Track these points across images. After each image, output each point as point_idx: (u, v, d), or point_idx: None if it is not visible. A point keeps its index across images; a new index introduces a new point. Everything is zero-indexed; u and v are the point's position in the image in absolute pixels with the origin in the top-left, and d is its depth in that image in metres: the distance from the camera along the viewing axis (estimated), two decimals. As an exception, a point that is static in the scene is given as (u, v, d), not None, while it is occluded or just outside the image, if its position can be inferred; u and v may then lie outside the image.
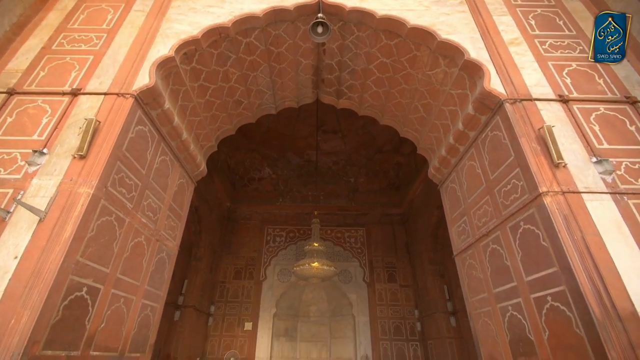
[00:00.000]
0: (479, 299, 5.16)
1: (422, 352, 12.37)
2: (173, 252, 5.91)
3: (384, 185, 15.76)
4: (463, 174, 5.73)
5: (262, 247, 14.35)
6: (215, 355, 12.15)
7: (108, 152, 4.22)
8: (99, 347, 4.01)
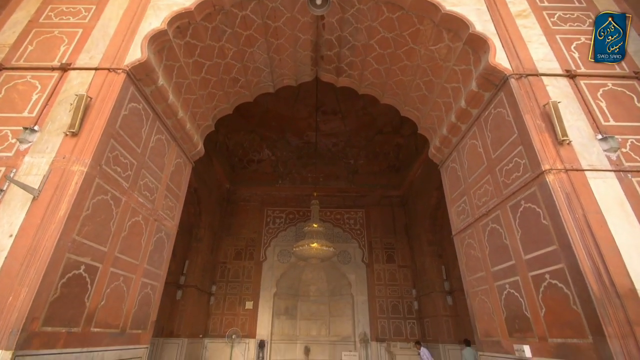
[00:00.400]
0: (477, 277, 5.18)
1: (419, 329, 12.68)
2: (172, 232, 5.90)
3: (383, 167, 15.66)
4: (464, 153, 5.63)
5: (262, 229, 14.43)
6: (217, 332, 12.45)
7: (101, 130, 4.11)
8: (99, 324, 4.05)
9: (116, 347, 4.33)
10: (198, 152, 6.79)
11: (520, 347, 4.06)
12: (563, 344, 3.49)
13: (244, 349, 12.17)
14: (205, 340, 12.28)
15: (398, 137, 14.48)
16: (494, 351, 4.66)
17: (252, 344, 12.27)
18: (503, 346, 4.46)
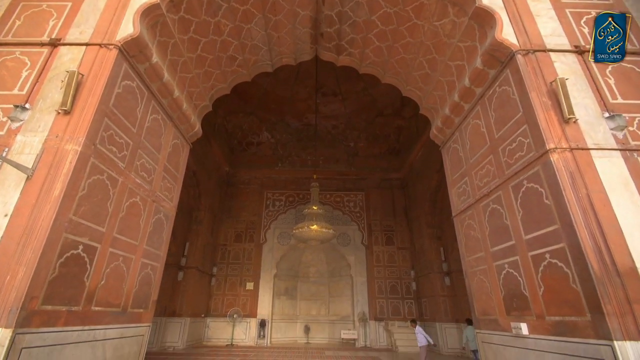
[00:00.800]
0: (476, 257, 5.19)
1: (417, 309, 12.93)
2: (170, 213, 5.86)
3: (383, 150, 15.53)
4: (466, 134, 5.52)
5: (261, 211, 14.45)
6: (219, 312, 12.69)
7: (94, 108, 3.98)
8: (100, 303, 4.06)
9: (118, 326, 4.37)
10: (195, 133, 6.66)
11: (517, 325, 4.10)
12: (560, 322, 3.51)
13: (245, 328, 12.44)
14: (207, 319, 12.53)
15: (399, 119, 14.27)
16: (491, 329, 4.72)
17: (253, 323, 12.53)
18: (500, 324, 4.51)
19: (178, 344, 10.60)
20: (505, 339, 4.37)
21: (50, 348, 3.32)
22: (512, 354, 4.25)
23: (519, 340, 4.12)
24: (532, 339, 3.90)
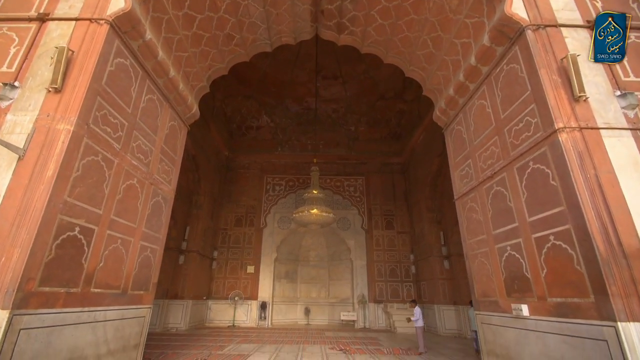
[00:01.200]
0: (477, 240, 5.14)
1: (415, 292, 13.07)
2: (169, 196, 5.77)
3: (384, 134, 15.33)
4: (471, 115, 5.36)
5: (261, 196, 14.40)
6: (220, 294, 12.83)
7: (85, 86, 3.82)
8: (99, 285, 4.03)
9: (118, 307, 4.36)
10: (193, 114, 6.49)
11: (518, 307, 4.09)
12: (563, 303, 3.48)
13: (246, 310, 12.61)
14: (209, 301, 12.69)
15: (400, 102, 14.01)
16: (491, 310, 4.72)
17: (254, 305, 12.70)
18: (500, 305, 4.50)
19: (181, 325, 10.75)
20: (505, 320, 4.37)
21: (50, 329, 3.29)
22: (511, 334, 4.25)
23: (518, 322, 4.11)
24: (532, 320, 3.89)
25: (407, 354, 7.36)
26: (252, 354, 7.09)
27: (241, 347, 7.80)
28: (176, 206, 11.55)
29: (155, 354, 6.81)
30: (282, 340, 8.98)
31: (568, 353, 3.36)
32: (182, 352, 7.16)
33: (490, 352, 4.68)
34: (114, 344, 4.23)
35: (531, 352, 3.86)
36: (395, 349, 7.79)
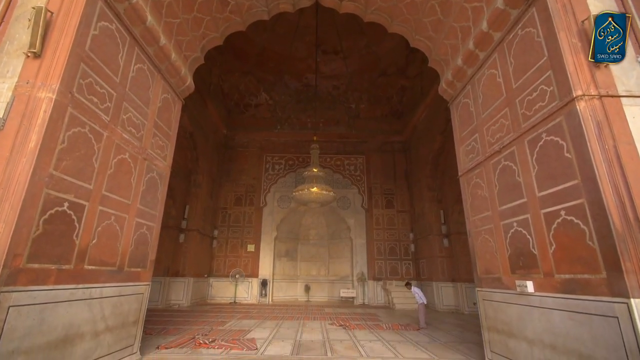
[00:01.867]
0: (482, 217, 4.99)
1: (414, 269, 13.16)
2: (164, 172, 5.56)
3: (386, 112, 14.95)
4: (479, 86, 5.06)
5: (261, 175, 14.21)
6: (221, 272, 12.92)
7: (67, 50, 3.51)
8: (94, 262, 3.89)
9: (115, 284, 4.25)
10: (187, 87, 6.16)
11: (522, 283, 3.98)
12: (571, 280, 3.36)
13: (247, 287, 12.72)
14: (210, 279, 12.78)
15: (403, 79, 13.54)
16: (493, 287, 4.63)
17: (255, 283, 12.80)
18: (504, 282, 4.40)
19: (183, 301, 10.86)
20: (508, 296, 4.29)
21: (42, 306, 3.17)
22: (513, 310, 4.18)
23: (522, 298, 4.02)
24: (537, 297, 3.79)
25: (406, 329, 7.41)
26: (253, 329, 7.12)
27: (242, 323, 7.85)
28: (175, 185, 11.39)
29: (157, 329, 6.84)
30: (282, 317, 9.06)
31: (574, 330, 3.27)
32: (184, 327, 7.19)
33: (491, 328, 4.63)
34: (112, 321, 4.16)
35: (534, 328, 3.79)
36: (394, 325, 7.85)
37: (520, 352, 3.99)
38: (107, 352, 4.06)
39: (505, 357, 4.31)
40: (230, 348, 5.40)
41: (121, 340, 4.34)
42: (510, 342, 4.20)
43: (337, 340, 6.18)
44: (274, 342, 5.90)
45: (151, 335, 6.27)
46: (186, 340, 5.84)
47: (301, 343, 5.87)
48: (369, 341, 6.12)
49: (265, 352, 5.21)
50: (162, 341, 5.80)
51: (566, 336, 3.36)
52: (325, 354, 5.15)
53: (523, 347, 3.95)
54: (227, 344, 5.58)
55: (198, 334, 6.42)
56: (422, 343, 6.03)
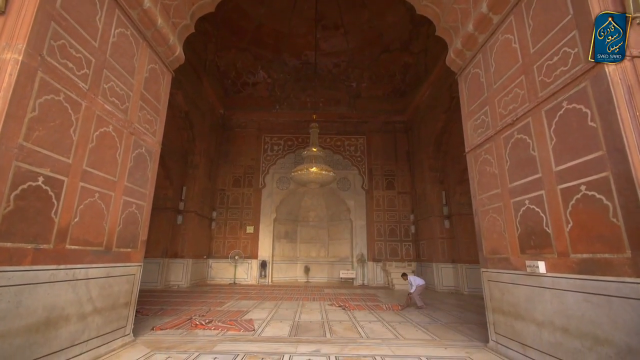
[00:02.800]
0: (489, 195, 4.69)
1: (414, 251, 13.03)
2: (154, 149, 5.22)
3: (388, 91, 14.40)
4: (492, 54, 4.64)
5: (259, 156, 13.86)
6: (220, 253, 12.80)
7: (34, 7, 3.09)
8: (77, 241, 3.63)
9: (102, 265, 4.00)
10: (177, 58, 5.72)
11: (533, 264, 3.73)
12: (589, 259, 3.09)
13: (247, 268, 12.64)
14: (209, 260, 12.68)
15: (406, 55, 12.94)
16: (501, 267, 4.39)
17: (254, 264, 12.71)
18: (512, 262, 4.16)
19: (182, 282, 10.77)
20: (516, 277, 4.05)
21: (19, 288, 2.92)
22: (522, 292, 3.95)
23: (532, 279, 3.78)
24: (549, 278, 3.54)
25: (405, 310, 7.29)
26: (252, 310, 6.99)
27: (241, 304, 7.73)
28: (171, 166, 11.06)
29: (154, 310, 6.70)
30: (281, 297, 8.96)
31: (590, 312, 3.03)
32: (182, 308, 7.06)
33: (496, 310, 4.43)
34: (101, 302, 3.94)
35: (544, 310, 3.56)
36: (394, 305, 7.73)
37: (528, 334, 3.79)
38: (97, 334, 3.87)
39: (510, 339, 4.12)
40: (227, 329, 5.24)
41: (112, 322, 4.14)
42: (517, 324, 3.99)
43: (336, 321, 6.03)
44: (272, 323, 5.75)
45: (147, 316, 6.13)
46: (183, 321, 5.69)
47: (300, 324, 5.72)
48: (369, 322, 5.97)
49: (263, 333, 5.05)
50: (158, 322, 5.66)
51: (580, 319, 3.13)
52: (324, 335, 4.99)
53: (531, 330, 3.75)
54: (224, 325, 5.43)
55: (195, 314, 6.28)
56: (423, 324, 5.88)
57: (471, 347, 4.57)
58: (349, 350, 4.27)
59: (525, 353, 3.82)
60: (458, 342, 4.80)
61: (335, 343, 4.58)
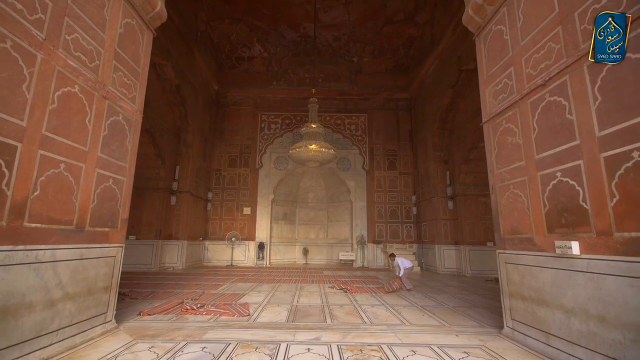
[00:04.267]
0: (511, 169, 4.15)
1: (415, 232, 12.66)
2: (134, 118, 4.61)
3: (390, 66, 13.60)
4: (520, 5, 3.98)
5: (256, 135, 13.21)
6: (217, 235, 12.38)
7: None
8: (38, 219, 3.09)
9: (73, 246, 3.49)
10: (158, 14, 5.00)
11: (564, 244, 3.24)
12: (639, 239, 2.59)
13: (244, 250, 12.26)
14: (205, 242, 12.29)
15: (411, 26, 12.07)
16: (522, 249, 3.92)
17: (252, 246, 12.32)
18: (536, 243, 3.67)
19: (177, 264, 10.39)
20: (542, 259, 3.58)
21: (-40, 272, 2.41)
22: (547, 275, 3.49)
23: (561, 261, 3.30)
24: (583, 260, 3.06)
25: (409, 292, 6.91)
26: (248, 293, 6.59)
27: (237, 286, 7.33)
28: (163, 144, 10.43)
29: (145, 293, 6.29)
30: (279, 280, 8.58)
31: (635, 299, 2.57)
32: (174, 290, 6.65)
33: (514, 294, 3.99)
34: (74, 288, 3.46)
35: (576, 295, 3.11)
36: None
37: (553, 322, 3.35)
38: (70, 322, 3.40)
39: (530, 327, 3.70)
40: (219, 314, 4.82)
41: (88, 308, 3.68)
42: (540, 310, 3.55)
43: (337, 305, 5.63)
44: (268, 308, 5.34)
45: (136, 300, 5.71)
46: (174, 305, 5.27)
47: (298, 308, 5.31)
48: (371, 306, 5.58)
49: (258, 319, 4.62)
50: (147, 306, 5.23)
51: (623, 306, 2.66)
52: (324, 321, 4.57)
53: (557, 317, 3.31)
54: (217, 310, 5.01)
55: (187, 298, 5.87)
56: (429, 307, 5.49)
57: (484, 333, 4.16)
58: (351, 337, 3.84)
59: (549, 342, 3.40)
60: (468, 327, 4.40)
61: (337, 329, 4.16)
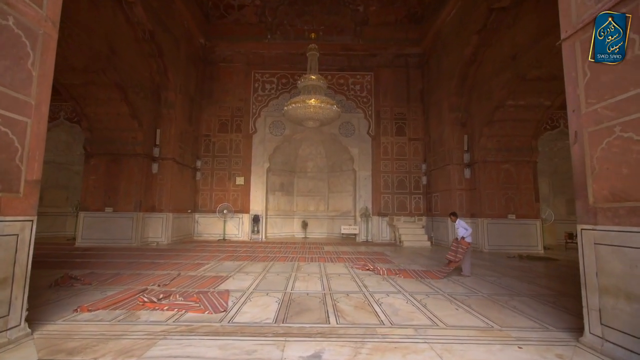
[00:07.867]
0: (617, 101, 2.60)
1: (425, 204, 11.28)
2: (40, 30, 2.97)
3: (401, 16, 11.54)
4: None
5: (249, 96, 11.46)
6: (207, 207, 11.03)
7: None
8: None
9: None
10: None
11: None
12: None
13: (237, 223, 10.96)
14: (195, 215, 10.96)
15: (428, -38, 9.93)
16: (629, 224, 2.46)
17: (245, 219, 11.01)
18: (664, 216, 2.20)
19: (162, 239, 9.10)
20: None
21: None
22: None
23: None
24: None
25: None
26: (232, 275, 5.26)
27: (222, 266, 6.01)
28: (138, 103, 8.69)
29: (107, 276, 4.98)
30: (274, 257, 7.28)
31: None
32: (145, 272, 5.34)
33: (610, 290, 2.59)
34: None
35: None
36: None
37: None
38: None
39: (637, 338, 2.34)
40: (186, 309, 3.48)
41: (-36, 314, 2.30)
42: (667, 319, 2.16)
43: (341, 293, 4.29)
44: (254, 298, 4.00)
45: (89, 286, 4.39)
46: (131, 295, 3.94)
47: (292, 299, 3.97)
48: (386, 294, 4.24)
49: (237, 317, 3.28)
50: (96, 296, 3.91)
51: None
52: (326, 321, 3.21)
53: None
54: (184, 303, 3.67)
55: (155, 283, 4.55)
56: (459, 296, 4.15)
57: (555, 342, 2.81)
58: (367, 352, 2.50)
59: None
60: (527, 331, 3.04)
61: (345, 337, 2.80)
